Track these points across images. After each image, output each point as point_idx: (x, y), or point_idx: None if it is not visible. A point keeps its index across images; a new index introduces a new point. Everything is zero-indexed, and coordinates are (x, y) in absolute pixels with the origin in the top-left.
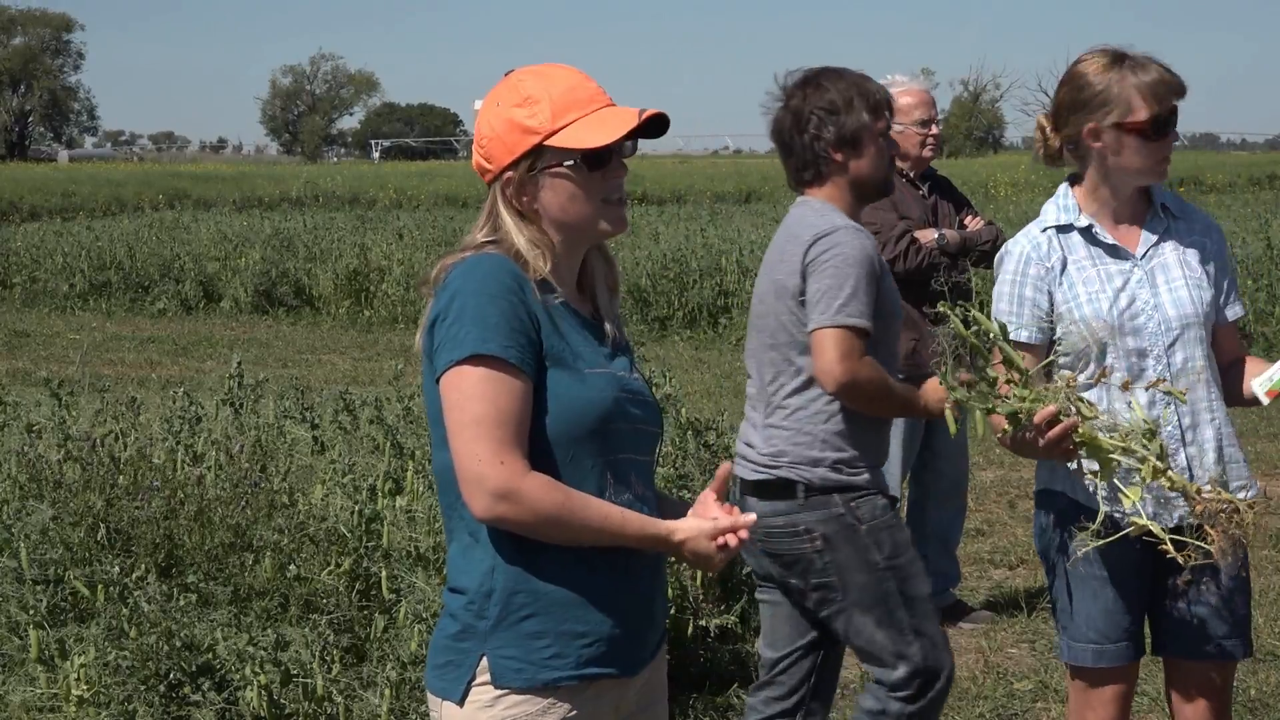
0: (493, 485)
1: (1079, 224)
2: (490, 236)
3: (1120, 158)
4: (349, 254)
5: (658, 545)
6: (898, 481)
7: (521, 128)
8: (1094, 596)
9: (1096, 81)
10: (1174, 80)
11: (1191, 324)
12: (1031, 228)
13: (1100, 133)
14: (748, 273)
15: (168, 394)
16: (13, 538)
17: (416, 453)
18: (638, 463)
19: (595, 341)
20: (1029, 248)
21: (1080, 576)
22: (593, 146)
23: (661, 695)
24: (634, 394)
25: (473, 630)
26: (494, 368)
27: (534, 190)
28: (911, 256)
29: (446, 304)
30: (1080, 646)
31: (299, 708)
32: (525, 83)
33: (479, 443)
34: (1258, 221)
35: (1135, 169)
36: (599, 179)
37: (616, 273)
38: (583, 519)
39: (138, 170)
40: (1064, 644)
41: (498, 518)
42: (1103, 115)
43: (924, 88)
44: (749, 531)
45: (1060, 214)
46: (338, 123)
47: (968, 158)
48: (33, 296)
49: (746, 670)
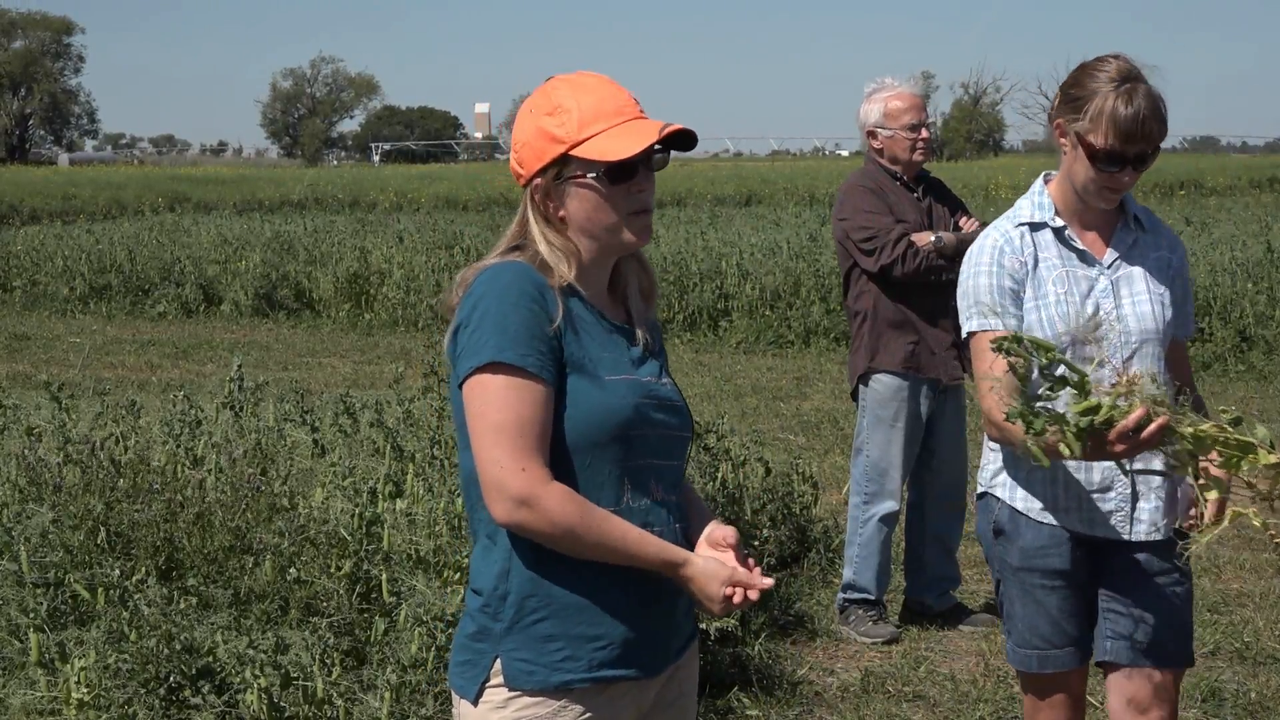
0: (513, 491)
1: (1053, 224)
2: (518, 241)
3: (1073, 166)
4: (349, 257)
5: (668, 571)
6: (898, 485)
7: (550, 136)
8: (1037, 602)
9: (1088, 83)
10: (1151, 129)
11: (1150, 339)
12: (1002, 221)
13: (1066, 132)
14: (748, 276)
15: (168, 397)
16: (13, 541)
17: (417, 455)
18: (661, 468)
19: (623, 347)
20: (1002, 241)
21: (1023, 582)
22: (615, 159)
23: (690, 692)
24: (660, 400)
25: (488, 631)
26: (514, 375)
27: (561, 198)
28: (909, 260)
29: (469, 312)
30: (1024, 652)
31: (299, 711)
32: (558, 91)
33: (500, 449)
34: (1258, 225)
35: (1079, 184)
36: (623, 191)
37: (652, 279)
38: (599, 535)
39: (138, 173)
40: (1009, 648)
41: (517, 524)
42: (1074, 119)
43: (914, 92)
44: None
45: (1035, 211)
46: (338, 126)
47: (968, 160)
48: (33, 299)
49: (747, 673)
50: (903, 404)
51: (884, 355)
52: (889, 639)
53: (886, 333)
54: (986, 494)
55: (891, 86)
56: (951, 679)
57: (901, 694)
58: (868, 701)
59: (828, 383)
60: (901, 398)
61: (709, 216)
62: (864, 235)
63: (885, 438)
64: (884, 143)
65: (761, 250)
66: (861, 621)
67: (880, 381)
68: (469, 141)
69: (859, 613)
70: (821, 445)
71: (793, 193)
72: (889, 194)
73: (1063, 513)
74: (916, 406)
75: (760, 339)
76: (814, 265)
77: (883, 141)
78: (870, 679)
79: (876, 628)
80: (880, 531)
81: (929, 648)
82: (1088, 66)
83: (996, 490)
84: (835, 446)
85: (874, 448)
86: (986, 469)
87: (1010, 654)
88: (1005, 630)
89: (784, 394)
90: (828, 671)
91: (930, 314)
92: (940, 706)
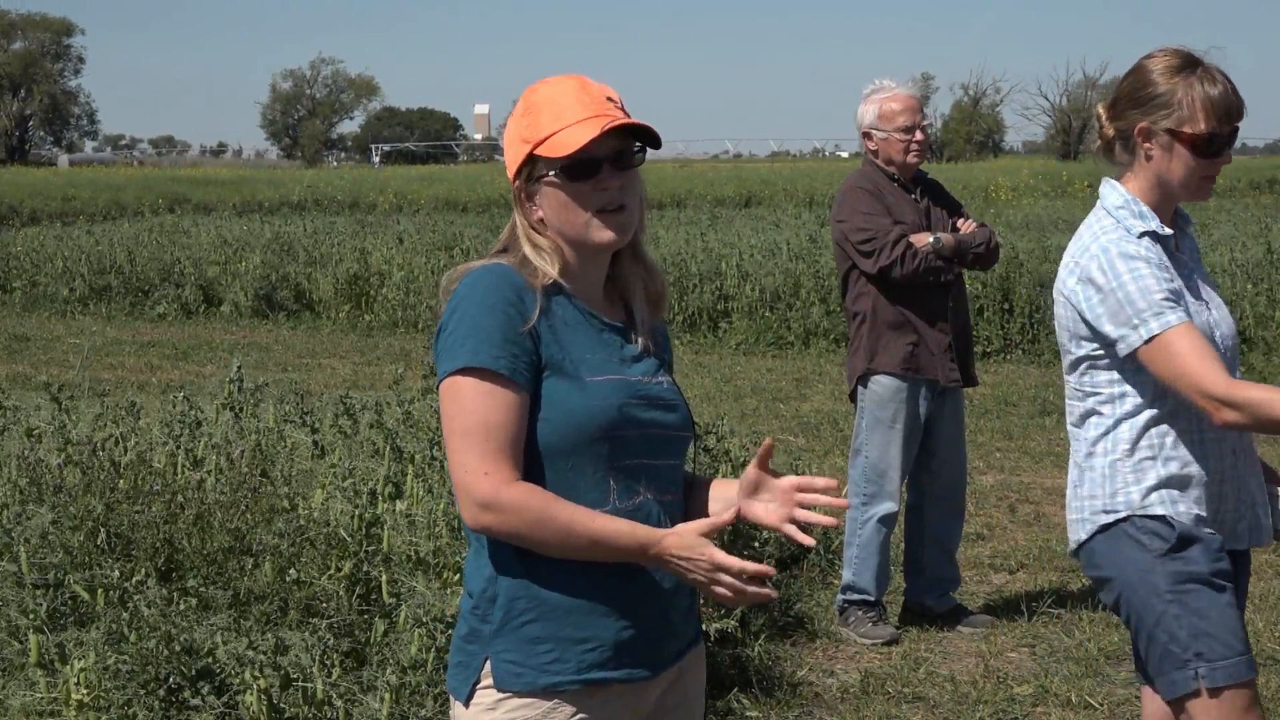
0: (477, 496)
1: (1162, 232)
2: (507, 243)
3: (1167, 166)
4: (349, 258)
5: (644, 556)
6: (896, 486)
7: (520, 138)
8: (1226, 606)
9: (1161, 81)
10: (1239, 102)
11: (1234, 344)
12: (1112, 231)
13: (1152, 134)
14: (747, 277)
15: (168, 398)
16: (13, 542)
17: (416, 457)
18: (653, 468)
19: (615, 346)
20: (1139, 247)
21: (1214, 590)
22: (559, 155)
23: (696, 696)
24: (651, 398)
25: (478, 633)
26: (485, 379)
27: (535, 199)
28: (908, 261)
29: (449, 316)
30: (1233, 661)
31: (299, 712)
32: (534, 94)
33: (467, 454)
34: (1258, 226)
35: (1179, 181)
36: (588, 188)
37: (660, 285)
38: (564, 526)
39: (138, 174)
40: (1206, 671)
41: (484, 527)
42: (1159, 117)
43: (911, 93)
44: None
45: (1141, 220)
46: (338, 127)
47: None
48: (33, 301)
49: (747, 674)
50: (901, 405)
51: (883, 356)
52: (888, 640)
53: (885, 334)
54: (1135, 517)
55: (888, 88)
56: (951, 680)
57: (901, 695)
58: (867, 703)
59: (827, 384)
60: (900, 399)
61: (709, 218)
62: (862, 237)
63: (884, 439)
64: (879, 144)
65: (761, 251)
66: (861, 623)
67: (879, 383)
68: (468, 143)
69: (858, 614)
70: (821, 446)
71: (792, 194)
72: (887, 195)
73: (1217, 524)
74: (915, 408)
75: (760, 340)
76: (814, 266)
77: (878, 143)
78: (870, 680)
79: (876, 629)
80: (879, 533)
81: (928, 649)
82: (1145, 66)
83: (1156, 509)
84: (835, 448)
85: (873, 449)
86: (1123, 493)
87: (1212, 675)
88: (1192, 653)
89: (783, 395)
90: (827, 673)
91: (929, 315)
92: (940, 708)
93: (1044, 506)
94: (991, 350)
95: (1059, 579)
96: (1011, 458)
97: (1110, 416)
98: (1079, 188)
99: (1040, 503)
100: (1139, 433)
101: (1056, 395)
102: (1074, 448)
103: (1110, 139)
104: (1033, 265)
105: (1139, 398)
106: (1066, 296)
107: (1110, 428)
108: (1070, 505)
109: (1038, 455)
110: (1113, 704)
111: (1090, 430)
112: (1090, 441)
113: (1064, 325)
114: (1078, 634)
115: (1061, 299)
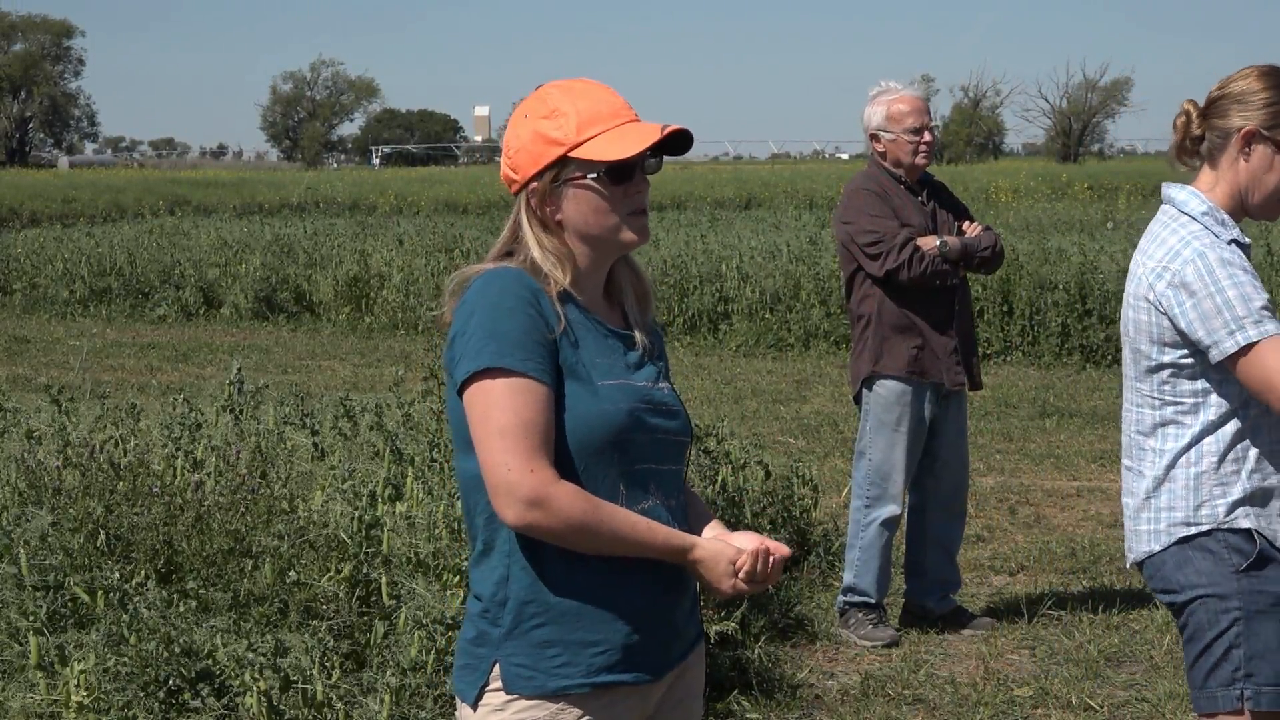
0: (524, 493)
1: (1242, 240)
2: (509, 247)
3: (1262, 176)
4: (349, 260)
5: (677, 557)
6: (900, 489)
7: (547, 139)
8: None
9: (1275, 91)
10: None
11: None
12: (1203, 236)
13: (1255, 139)
14: (747, 279)
15: (168, 400)
16: (13, 544)
17: (416, 459)
18: (659, 472)
19: (620, 352)
20: (1228, 254)
21: (1271, 616)
22: (616, 159)
23: (696, 694)
24: (656, 404)
25: (487, 637)
26: (515, 378)
27: (558, 201)
28: (915, 264)
29: (465, 320)
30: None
31: (299, 713)
32: (552, 96)
33: (508, 453)
34: (1257, 227)
35: (1268, 193)
36: (622, 192)
37: (646, 284)
38: (611, 527)
39: (138, 176)
40: (1245, 692)
41: (529, 525)
42: (1270, 124)
43: (917, 95)
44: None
45: (1225, 228)
46: (338, 129)
47: (968, 164)
48: (33, 303)
49: (747, 676)
50: (906, 408)
51: (888, 359)
52: (889, 642)
53: (891, 337)
54: (1218, 530)
55: (895, 90)
56: (952, 682)
57: (901, 697)
58: (867, 705)
59: (827, 386)
60: (905, 402)
61: (709, 219)
62: (869, 239)
63: (888, 442)
64: (886, 146)
65: (761, 253)
66: (861, 625)
67: (884, 386)
68: (469, 144)
69: (859, 616)
70: (821, 448)
71: (792, 196)
72: (893, 197)
73: None
74: (920, 411)
75: (760, 342)
76: (814, 268)
77: (885, 145)
78: (870, 682)
79: (876, 631)
80: (881, 535)
81: (929, 651)
82: (1258, 72)
83: (1240, 522)
84: (835, 450)
85: (877, 451)
86: (1208, 506)
87: (1257, 698)
88: (1244, 673)
89: (784, 397)
90: (827, 675)
91: (934, 318)
92: (940, 710)
93: (1044, 509)
94: (991, 352)
95: (1059, 581)
96: (1012, 460)
97: (1191, 427)
98: (1079, 190)
99: (1040, 505)
100: (1225, 445)
101: (1056, 397)
102: (1140, 457)
103: (1197, 138)
104: (1032, 267)
105: (1222, 408)
106: (1155, 301)
107: (1194, 439)
108: (1139, 516)
109: (1038, 457)
110: (1113, 706)
111: (1167, 441)
112: (1170, 453)
113: (1145, 331)
114: (1078, 636)
115: (1145, 304)
